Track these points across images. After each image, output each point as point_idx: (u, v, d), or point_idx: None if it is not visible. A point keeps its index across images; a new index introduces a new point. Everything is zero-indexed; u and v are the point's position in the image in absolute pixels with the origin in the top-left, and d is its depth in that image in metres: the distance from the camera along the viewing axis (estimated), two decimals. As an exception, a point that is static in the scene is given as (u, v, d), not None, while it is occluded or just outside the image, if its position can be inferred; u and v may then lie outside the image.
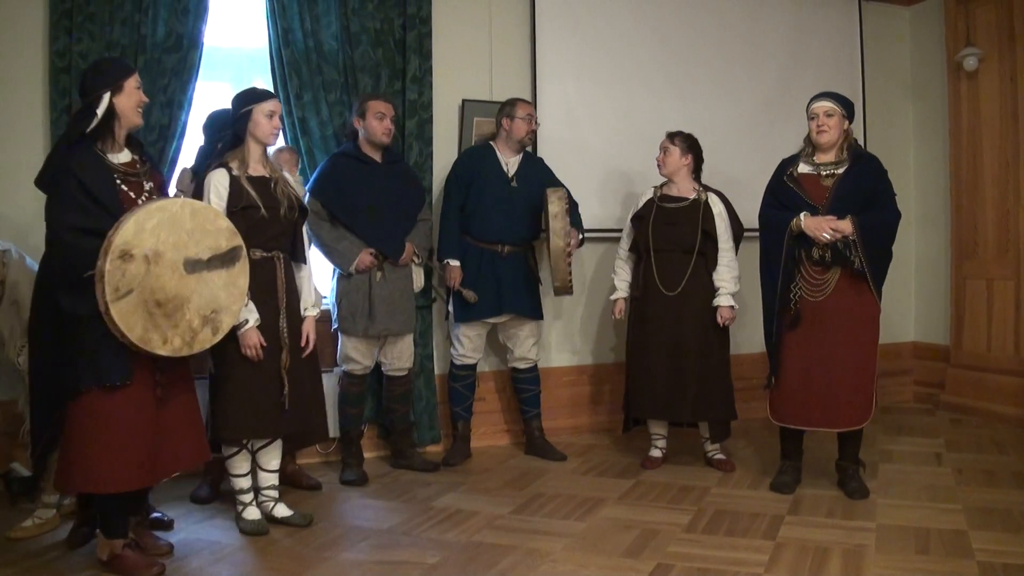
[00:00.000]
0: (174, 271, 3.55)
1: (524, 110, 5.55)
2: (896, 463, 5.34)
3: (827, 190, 4.66)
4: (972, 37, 6.73)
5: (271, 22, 5.38)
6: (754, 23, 6.87)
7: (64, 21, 4.85)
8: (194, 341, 3.64)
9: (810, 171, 4.76)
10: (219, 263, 3.70)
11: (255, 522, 4.23)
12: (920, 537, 4.01)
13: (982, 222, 6.79)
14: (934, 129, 7.33)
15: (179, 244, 3.57)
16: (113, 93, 3.65)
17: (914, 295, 7.55)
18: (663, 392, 5.16)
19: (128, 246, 3.41)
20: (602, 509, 4.58)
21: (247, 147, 4.21)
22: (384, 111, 5.11)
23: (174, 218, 3.56)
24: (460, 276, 5.43)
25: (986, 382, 6.66)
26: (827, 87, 6.68)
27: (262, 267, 4.15)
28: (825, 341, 4.63)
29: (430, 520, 4.42)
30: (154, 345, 3.51)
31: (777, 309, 4.71)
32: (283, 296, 4.22)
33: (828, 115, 4.71)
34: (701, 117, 6.39)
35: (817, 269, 4.64)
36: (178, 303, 3.56)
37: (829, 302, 4.63)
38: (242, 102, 4.21)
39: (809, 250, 4.63)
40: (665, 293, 5.19)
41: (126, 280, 3.40)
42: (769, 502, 4.62)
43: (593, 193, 6.32)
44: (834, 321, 4.63)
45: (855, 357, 4.65)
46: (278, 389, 4.17)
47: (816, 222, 4.56)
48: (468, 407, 5.69)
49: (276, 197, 4.20)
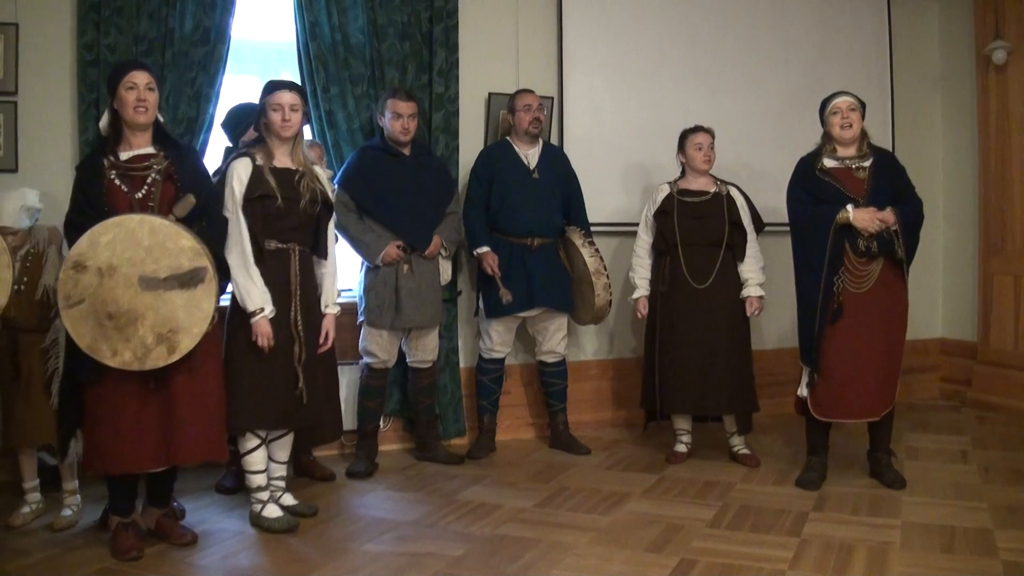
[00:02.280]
0: (128, 286, 3.60)
1: (522, 100, 5.55)
2: (922, 460, 5.31)
3: (862, 183, 4.70)
4: (1001, 30, 6.67)
5: (298, 15, 5.40)
6: (782, 16, 6.84)
7: (92, 15, 4.89)
8: (146, 358, 3.63)
9: (840, 165, 4.77)
10: (177, 283, 3.67)
11: (280, 519, 4.18)
12: (945, 535, 3.99)
13: (1010, 217, 6.73)
14: (962, 123, 7.27)
15: (135, 260, 3.61)
16: (113, 100, 3.85)
17: (941, 291, 7.50)
18: (696, 386, 5.16)
19: (82, 258, 3.55)
20: (626, 503, 4.58)
21: (267, 141, 4.25)
22: (402, 111, 5.12)
23: (131, 234, 3.61)
24: (495, 260, 5.40)
25: (1013, 379, 6.61)
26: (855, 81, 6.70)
27: (276, 258, 4.18)
28: (867, 332, 4.65)
29: (454, 513, 4.43)
30: (103, 355, 3.58)
31: (821, 302, 4.69)
32: (296, 289, 4.22)
33: (852, 110, 4.76)
34: (728, 110, 6.39)
35: (862, 260, 4.65)
36: (131, 318, 3.60)
37: (870, 293, 4.66)
38: (260, 96, 4.29)
39: (854, 242, 4.63)
40: (695, 286, 5.19)
41: (78, 290, 3.54)
42: (794, 498, 4.61)
43: (618, 186, 6.33)
44: (875, 312, 4.66)
45: (892, 347, 4.72)
46: (290, 382, 4.18)
47: (865, 213, 4.58)
48: (495, 401, 5.70)
49: (298, 190, 4.21)
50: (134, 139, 3.86)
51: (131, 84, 3.80)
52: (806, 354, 4.80)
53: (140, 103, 3.80)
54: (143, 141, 3.88)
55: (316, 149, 5.30)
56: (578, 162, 5.82)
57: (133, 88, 3.80)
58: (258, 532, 4.14)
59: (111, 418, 3.71)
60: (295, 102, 4.23)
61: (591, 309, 5.45)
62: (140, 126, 3.85)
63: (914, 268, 5.54)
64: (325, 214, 4.36)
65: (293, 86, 4.31)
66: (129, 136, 3.86)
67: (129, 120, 3.81)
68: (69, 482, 4.33)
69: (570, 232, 5.56)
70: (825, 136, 4.87)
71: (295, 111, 4.22)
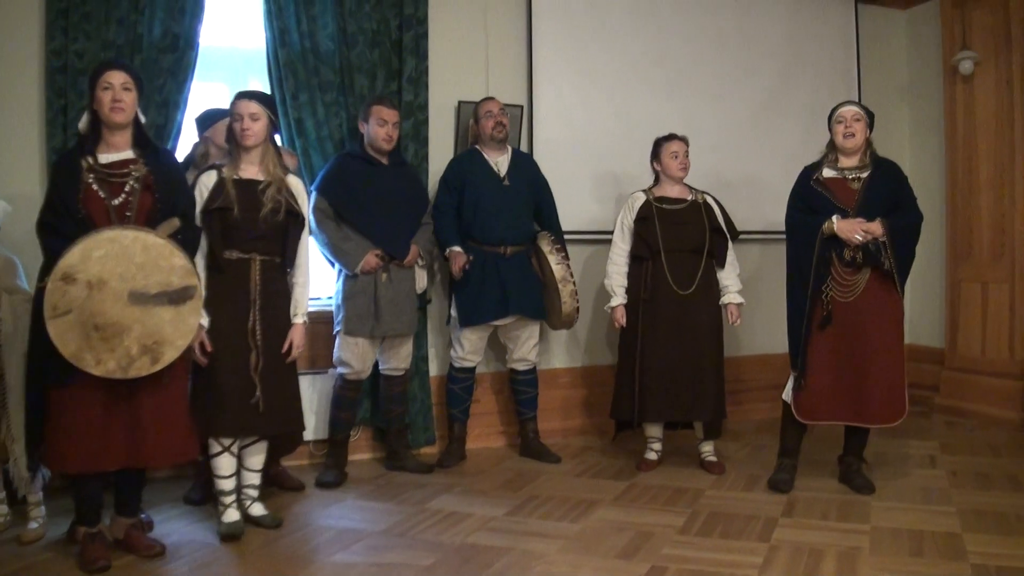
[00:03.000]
0: (117, 300, 3.61)
1: (484, 108, 5.58)
2: (891, 465, 5.34)
3: (855, 193, 4.75)
4: (968, 41, 6.74)
5: (267, 22, 5.37)
6: (751, 25, 6.88)
7: (60, 20, 4.84)
8: (130, 367, 3.65)
9: (836, 175, 4.83)
10: (166, 299, 3.70)
11: (229, 524, 4.22)
12: (914, 539, 4.01)
13: (977, 225, 6.79)
14: (930, 132, 7.35)
15: (126, 275, 3.61)
16: (91, 101, 3.83)
17: (909, 298, 7.51)
18: (679, 393, 5.16)
19: (72, 270, 3.53)
20: (597, 511, 4.57)
21: (235, 150, 4.29)
22: (387, 118, 5.12)
23: (124, 250, 3.61)
24: (464, 259, 5.37)
25: (980, 385, 6.67)
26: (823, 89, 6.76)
27: (236, 267, 4.19)
28: (855, 340, 4.70)
29: (425, 522, 4.42)
30: (86, 364, 3.57)
31: (808, 310, 4.73)
32: (256, 298, 4.22)
33: (856, 119, 4.82)
34: (697, 119, 6.41)
35: (848, 270, 4.70)
36: (117, 329, 3.61)
37: (859, 302, 4.70)
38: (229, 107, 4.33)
39: (840, 252, 4.68)
40: (679, 293, 5.19)
41: (65, 301, 3.53)
42: (763, 504, 4.62)
43: (589, 194, 6.34)
44: (864, 321, 4.69)
45: (887, 356, 4.73)
46: (247, 391, 4.18)
47: (848, 224, 4.63)
48: (465, 409, 5.68)
49: (261, 200, 4.21)
50: (113, 140, 3.84)
51: (107, 84, 3.79)
52: (794, 359, 4.85)
53: (116, 103, 3.78)
54: (122, 143, 3.86)
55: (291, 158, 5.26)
56: (548, 170, 5.83)
57: (109, 88, 3.78)
58: (225, 543, 4.11)
59: (75, 417, 3.66)
60: (254, 111, 4.24)
61: (559, 315, 5.46)
62: (118, 126, 3.83)
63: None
64: (294, 224, 4.34)
65: (254, 95, 4.32)
66: (108, 137, 3.83)
67: (106, 119, 3.79)
68: (34, 495, 4.28)
69: (540, 239, 5.56)
70: (829, 144, 4.93)
71: (255, 120, 4.23)
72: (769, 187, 6.67)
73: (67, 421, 3.68)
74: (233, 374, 4.17)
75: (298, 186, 4.43)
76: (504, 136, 5.57)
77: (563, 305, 5.38)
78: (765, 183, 6.72)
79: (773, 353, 6.79)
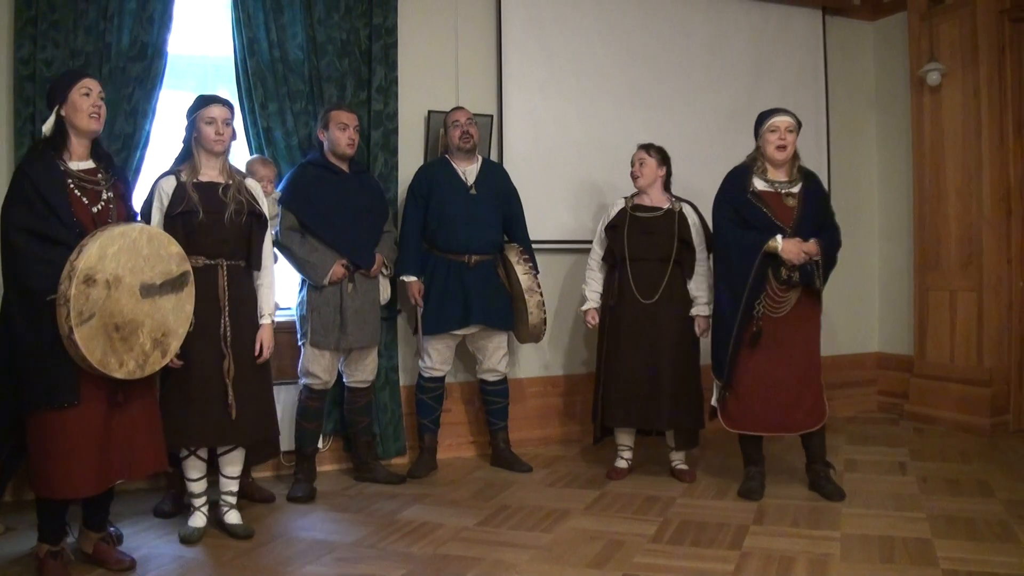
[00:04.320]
0: (131, 295, 3.59)
1: (451, 117, 5.59)
2: (861, 472, 5.37)
3: (791, 210, 4.80)
4: (935, 52, 6.79)
5: (236, 31, 5.35)
6: (718, 36, 6.92)
7: (28, 28, 4.80)
8: (146, 364, 3.66)
9: (769, 189, 4.85)
10: (170, 288, 3.74)
11: (190, 529, 4.27)
12: (885, 546, 4.03)
13: (945, 234, 6.85)
14: (897, 142, 7.40)
15: (136, 269, 3.61)
16: (60, 106, 3.73)
17: (878, 306, 7.61)
18: (639, 400, 5.17)
19: (93, 271, 3.45)
20: (568, 520, 4.57)
21: (196, 155, 4.25)
22: (347, 122, 5.09)
23: (134, 243, 3.61)
24: (420, 289, 5.41)
25: (949, 392, 6.72)
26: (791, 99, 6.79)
27: (204, 274, 4.16)
28: (782, 353, 4.79)
29: (395, 533, 4.39)
30: (111, 368, 3.53)
31: (738, 324, 4.76)
32: (225, 304, 4.21)
33: (789, 131, 4.85)
34: (665, 128, 6.42)
35: (782, 288, 4.75)
36: (133, 327, 3.59)
37: (787, 318, 4.79)
38: (189, 111, 4.28)
39: (776, 270, 4.72)
40: (642, 301, 5.21)
41: (89, 305, 3.44)
42: (734, 512, 4.63)
43: (561, 204, 6.34)
44: (790, 334, 4.80)
45: (811, 367, 4.87)
46: (220, 398, 4.17)
47: (793, 246, 4.68)
48: (435, 419, 5.66)
49: (223, 200, 4.20)
50: (78, 149, 3.76)
51: (87, 89, 3.74)
52: (719, 368, 4.91)
53: (95, 108, 3.75)
54: (84, 152, 3.79)
55: (268, 168, 5.23)
56: (518, 179, 5.83)
57: (88, 94, 3.74)
58: (195, 556, 4.07)
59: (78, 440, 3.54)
60: (227, 116, 4.26)
61: (526, 327, 5.46)
62: (91, 134, 3.77)
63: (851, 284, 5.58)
64: (257, 225, 4.33)
65: (225, 101, 4.31)
66: (74, 146, 3.75)
67: (82, 127, 3.72)
68: None
69: (507, 249, 5.56)
70: (758, 152, 4.93)
71: (228, 125, 4.25)
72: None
73: (69, 444, 3.54)
74: (206, 382, 4.16)
75: (256, 187, 4.44)
76: (471, 146, 5.56)
77: (530, 316, 5.38)
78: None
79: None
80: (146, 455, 3.81)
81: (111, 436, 3.66)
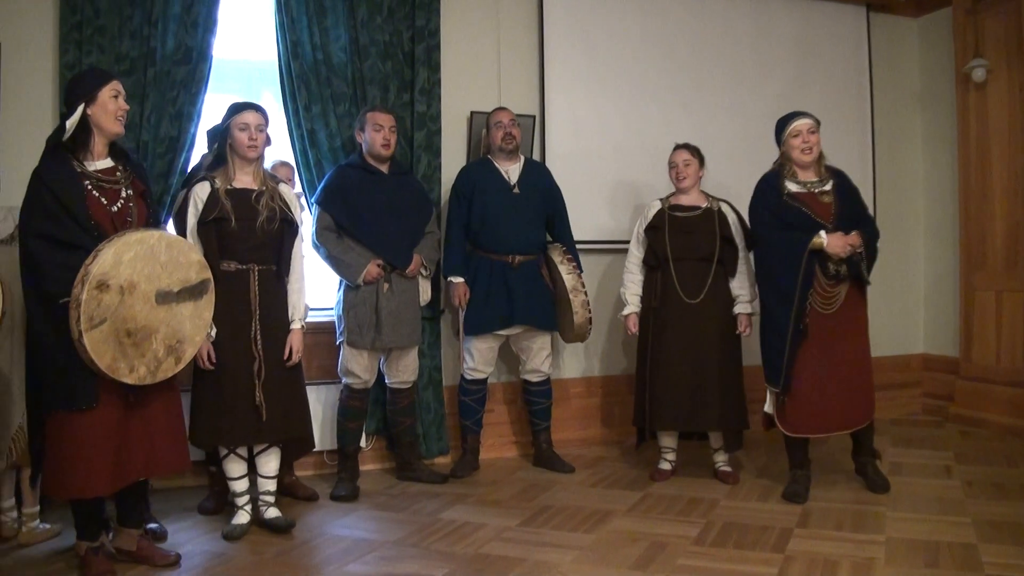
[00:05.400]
0: (146, 302, 3.60)
1: (494, 118, 5.59)
2: (905, 475, 5.31)
3: (828, 207, 4.82)
4: (981, 48, 6.72)
5: (280, 35, 5.39)
6: (762, 35, 6.88)
7: (74, 34, 4.87)
8: (158, 370, 3.67)
9: (803, 190, 4.87)
10: (188, 295, 3.76)
11: (233, 527, 4.35)
12: (929, 550, 3.99)
13: (991, 233, 6.77)
14: (943, 140, 7.32)
15: (152, 276, 3.62)
16: (87, 105, 3.70)
17: (923, 307, 7.53)
18: (687, 403, 5.16)
19: (106, 276, 3.47)
20: (610, 521, 4.56)
21: (231, 161, 4.31)
22: (382, 123, 5.11)
23: (151, 250, 3.62)
24: (466, 292, 5.43)
25: (995, 394, 6.63)
26: (835, 98, 6.76)
27: (236, 279, 4.25)
28: (836, 350, 4.77)
29: (437, 532, 4.41)
30: (121, 374, 3.55)
31: (792, 324, 4.74)
32: (256, 308, 4.27)
33: (812, 132, 4.88)
34: (708, 129, 6.41)
35: (830, 283, 4.75)
36: (146, 333, 3.61)
37: (837, 313, 4.78)
38: (224, 117, 4.33)
39: (824, 266, 4.73)
40: (687, 302, 5.19)
41: (100, 310, 3.46)
42: (778, 514, 4.61)
43: (601, 204, 6.34)
44: (842, 330, 4.79)
45: (862, 360, 4.89)
46: (250, 399, 4.24)
47: (837, 239, 4.69)
48: (478, 421, 5.67)
49: (256, 208, 4.26)
50: (98, 149, 3.77)
51: (115, 92, 3.75)
52: (774, 375, 4.87)
53: (123, 112, 3.78)
54: (104, 152, 3.80)
55: (286, 169, 5.29)
56: (561, 179, 5.82)
57: (117, 97, 3.76)
58: (238, 554, 4.12)
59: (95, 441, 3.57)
60: (261, 123, 4.32)
61: (572, 327, 5.45)
62: (115, 136, 3.79)
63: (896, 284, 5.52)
64: (288, 232, 4.38)
65: (259, 107, 4.36)
66: (95, 146, 3.75)
67: (108, 128, 3.74)
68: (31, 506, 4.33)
69: (551, 249, 5.56)
70: (783, 157, 4.95)
71: (261, 131, 4.30)
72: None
73: (86, 445, 3.57)
74: (237, 384, 4.24)
75: (289, 194, 4.49)
76: (513, 147, 5.56)
77: (575, 316, 5.37)
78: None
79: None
80: (166, 455, 3.84)
81: (128, 437, 3.69)
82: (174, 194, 4.98)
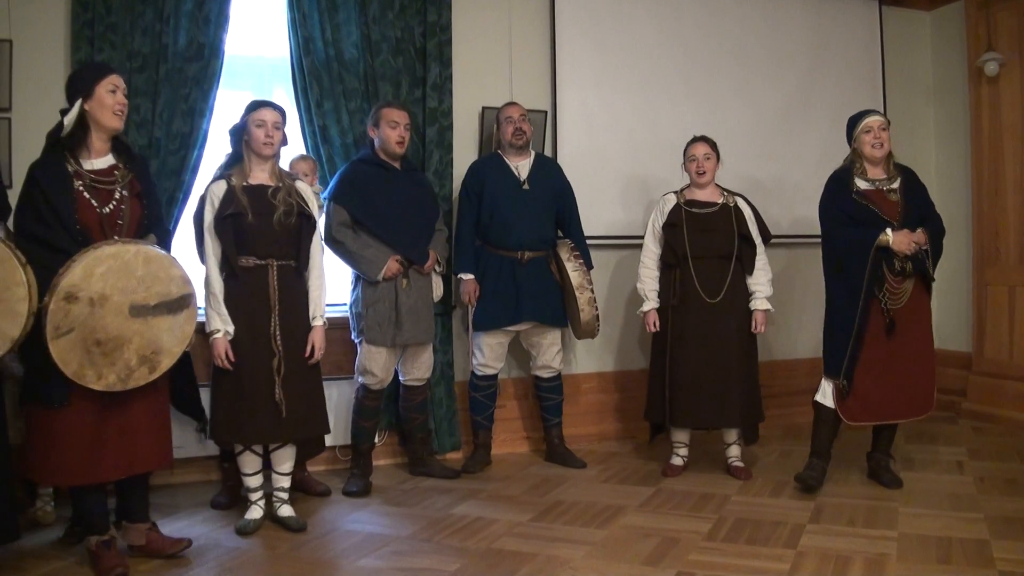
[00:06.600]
0: (118, 314, 3.59)
1: (504, 113, 5.58)
2: (918, 471, 5.31)
3: (895, 205, 4.87)
4: (993, 42, 6.70)
5: (292, 31, 5.40)
6: (774, 29, 6.86)
7: (86, 31, 4.89)
8: (129, 379, 3.65)
9: (870, 187, 4.91)
10: (165, 309, 3.73)
11: (246, 521, 4.36)
12: (942, 546, 3.98)
13: (1004, 228, 6.75)
14: (955, 134, 7.31)
15: (127, 289, 3.61)
16: (84, 100, 3.69)
17: (936, 302, 7.45)
18: (707, 401, 5.16)
19: (75, 289, 3.48)
20: (622, 517, 4.57)
21: (247, 158, 4.32)
22: (398, 119, 5.09)
23: (126, 265, 3.60)
24: (476, 289, 5.44)
25: (1008, 389, 6.62)
26: (847, 92, 6.74)
27: (254, 274, 4.25)
28: (900, 343, 4.85)
29: (449, 527, 4.42)
30: (88, 380, 3.55)
31: (859, 319, 4.79)
32: (276, 304, 4.27)
33: (883, 129, 4.94)
34: (721, 123, 6.39)
35: (898, 279, 4.81)
36: (118, 343, 3.60)
37: (903, 308, 4.86)
38: (242, 114, 4.35)
39: (890, 263, 4.79)
40: (707, 301, 5.18)
41: (68, 320, 3.47)
42: (790, 510, 4.60)
43: (614, 199, 6.34)
44: (908, 324, 4.86)
45: (927, 355, 4.97)
46: (269, 396, 4.24)
47: (903, 237, 4.75)
48: (489, 416, 5.68)
49: (272, 203, 4.26)
50: (98, 146, 3.77)
51: (113, 86, 3.74)
52: (835, 368, 4.89)
53: (121, 107, 3.77)
54: (105, 149, 3.79)
55: (308, 162, 5.29)
56: (572, 175, 5.81)
57: (115, 91, 3.74)
58: (251, 548, 4.13)
59: (68, 432, 3.61)
60: (278, 120, 4.32)
61: (579, 324, 5.45)
62: (115, 132, 3.78)
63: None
64: (306, 226, 4.38)
65: (277, 105, 4.36)
66: (94, 143, 3.75)
67: (106, 124, 3.73)
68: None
69: (559, 245, 5.55)
70: (854, 154, 4.98)
71: (278, 129, 4.30)
72: (795, 189, 6.70)
73: (59, 438, 3.62)
74: (256, 380, 4.24)
75: (306, 190, 4.49)
76: (524, 142, 5.56)
77: (581, 313, 5.37)
78: (791, 185, 6.74)
79: (801, 358, 6.79)
80: (146, 453, 3.83)
81: (105, 434, 3.69)
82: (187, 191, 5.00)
